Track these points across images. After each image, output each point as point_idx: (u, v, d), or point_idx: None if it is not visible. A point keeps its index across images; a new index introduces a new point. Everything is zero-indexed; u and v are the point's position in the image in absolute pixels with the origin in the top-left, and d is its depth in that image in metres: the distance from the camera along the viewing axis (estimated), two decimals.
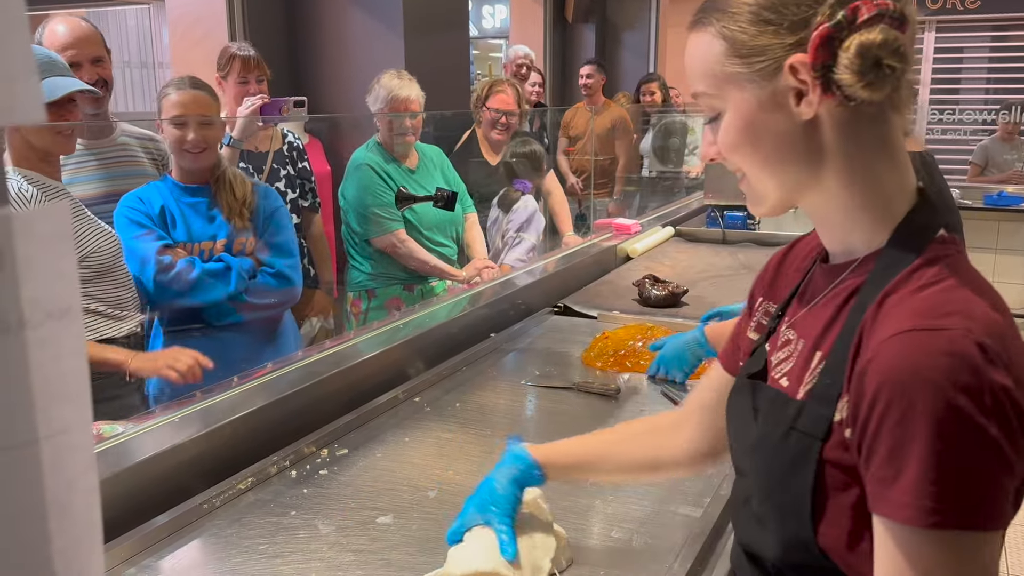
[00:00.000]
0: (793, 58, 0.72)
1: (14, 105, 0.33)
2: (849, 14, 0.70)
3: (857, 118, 0.74)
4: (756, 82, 0.75)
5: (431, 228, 2.87)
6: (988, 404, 0.63)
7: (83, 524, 0.38)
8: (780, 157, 0.77)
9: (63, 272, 0.36)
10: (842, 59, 0.70)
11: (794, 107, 0.74)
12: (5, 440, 0.34)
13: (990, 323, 0.67)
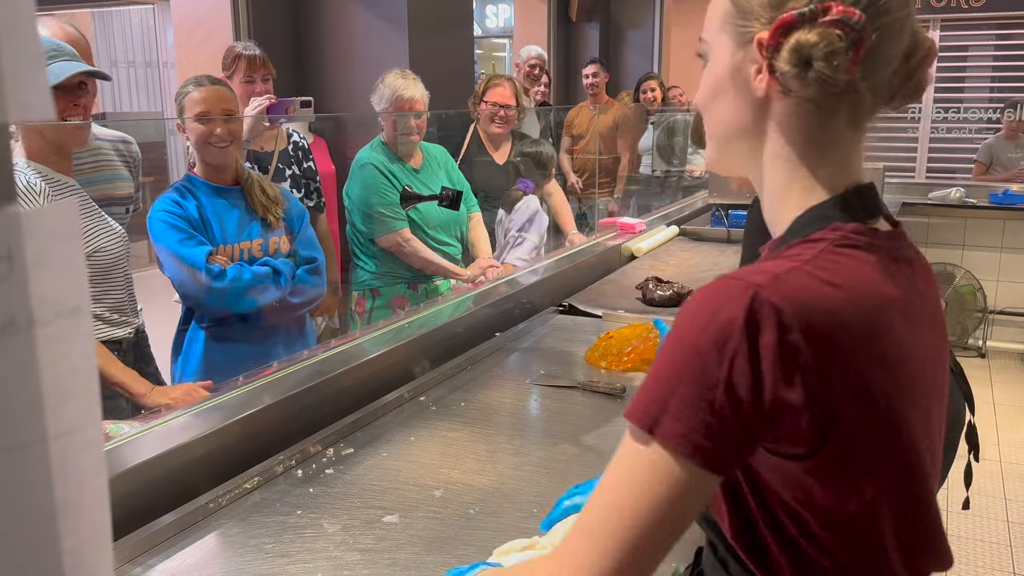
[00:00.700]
0: (760, 33, 0.75)
1: (24, 101, 0.33)
2: (817, 9, 0.72)
3: (800, 111, 0.77)
4: (734, 46, 0.78)
5: (435, 227, 2.87)
6: (723, 345, 0.66)
7: (92, 524, 0.38)
8: (730, 123, 0.81)
9: (72, 270, 0.35)
10: (783, 47, 0.73)
11: (751, 81, 0.77)
12: (15, 439, 0.34)
13: (797, 288, 0.68)
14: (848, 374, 0.69)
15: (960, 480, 1.97)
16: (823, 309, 0.68)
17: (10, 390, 0.34)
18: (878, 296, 0.73)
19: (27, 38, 0.33)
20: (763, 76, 0.76)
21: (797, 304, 0.67)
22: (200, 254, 1.99)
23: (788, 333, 0.66)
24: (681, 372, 0.68)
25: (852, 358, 0.69)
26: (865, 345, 0.70)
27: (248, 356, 2.05)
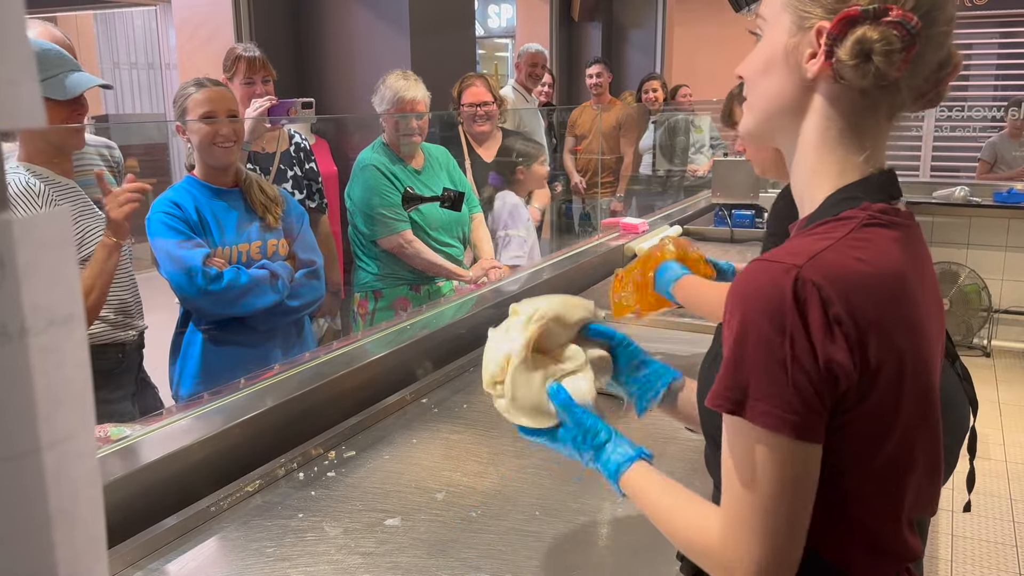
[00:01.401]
0: (821, 22, 0.81)
1: (16, 108, 0.32)
2: (880, 9, 0.78)
3: (846, 98, 0.83)
4: (793, 28, 0.84)
5: (438, 228, 2.86)
6: (780, 322, 0.74)
7: (87, 534, 0.37)
8: (775, 99, 0.87)
9: (65, 278, 0.35)
10: (847, 40, 0.79)
11: (803, 63, 0.83)
12: (8, 449, 0.33)
13: (832, 266, 0.77)
14: (880, 336, 0.77)
15: (962, 482, 1.97)
16: (856, 283, 0.77)
17: (3, 399, 0.33)
18: (899, 269, 0.80)
19: (17, 45, 0.33)
20: (818, 61, 0.82)
21: (834, 280, 0.76)
22: (197, 256, 1.98)
23: (830, 307, 0.75)
24: (748, 355, 0.76)
25: (882, 322, 0.77)
26: (891, 311, 0.78)
27: (246, 359, 2.03)
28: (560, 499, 1.32)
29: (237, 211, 2.11)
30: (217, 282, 1.99)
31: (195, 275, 1.97)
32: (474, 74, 3.37)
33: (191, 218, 2.03)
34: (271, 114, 2.57)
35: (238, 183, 2.14)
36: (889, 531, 0.85)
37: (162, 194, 2.09)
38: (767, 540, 0.78)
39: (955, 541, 3.05)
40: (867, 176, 0.85)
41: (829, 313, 0.75)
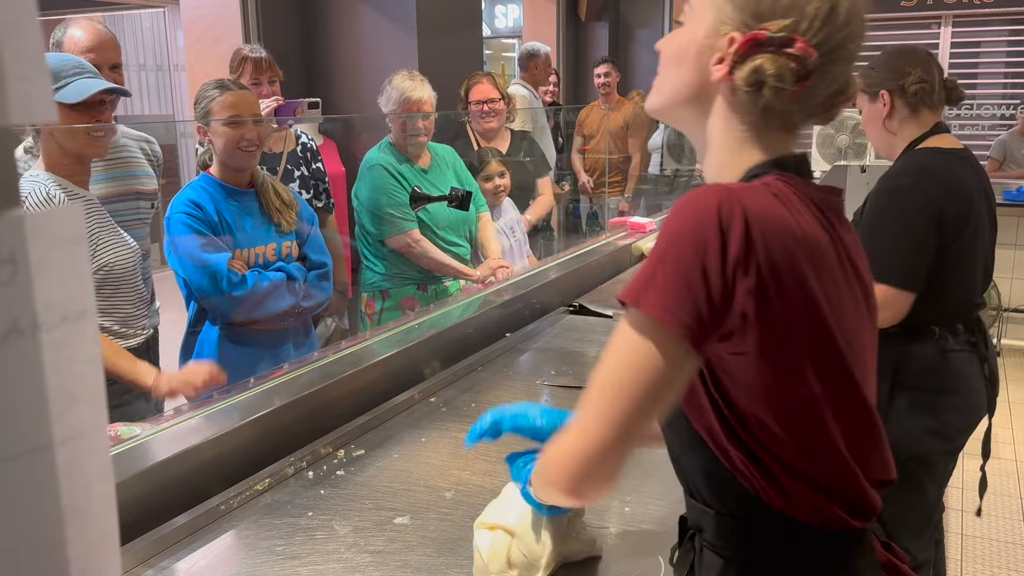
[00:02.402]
0: (734, 33, 0.85)
1: (26, 104, 0.32)
2: (786, 39, 0.83)
3: (742, 109, 0.87)
4: (710, 29, 0.87)
5: (445, 228, 2.86)
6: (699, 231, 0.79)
7: (99, 529, 0.37)
8: (680, 89, 0.91)
9: (78, 274, 0.35)
10: (745, 64, 0.84)
11: (711, 65, 0.87)
12: (21, 445, 0.33)
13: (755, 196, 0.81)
14: (790, 273, 0.80)
15: (973, 481, 2.00)
16: (774, 215, 0.81)
17: (16, 395, 0.33)
18: (809, 223, 0.84)
19: (29, 41, 0.33)
20: (721, 69, 0.86)
21: (757, 207, 0.80)
22: (222, 260, 2.00)
23: (752, 228, 0.79)
24: (664, 257, 0.80)
25: (793, 261, 0.80)
26: (804, 254, 0.81)
27: (260, 359, 2.07)
28: None
29: (253, 213, 2.12)
30: (241, 286, 2.01)
31: (220, 279, 1.98)
32: (481, 72, 3.38)
33: (211, 219, 2.04)
34: (278, 114, 2.57)
35: (254, 184, 2.15)
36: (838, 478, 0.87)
37: (180, 192, 2.10)
38: (606, 425, 0.81)
39: (965, 541, 3.03)
40: (775, 158, 0.89)
41: (749, 233, 0.78)
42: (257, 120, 2.10)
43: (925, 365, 1.95)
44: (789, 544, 0.88)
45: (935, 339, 1.95)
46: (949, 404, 1.96)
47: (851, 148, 4.39)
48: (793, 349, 0.82)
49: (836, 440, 0.86)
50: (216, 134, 2.07)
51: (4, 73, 0.32)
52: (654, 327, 0.79)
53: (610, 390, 0.82)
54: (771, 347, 0.81)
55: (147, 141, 2.36)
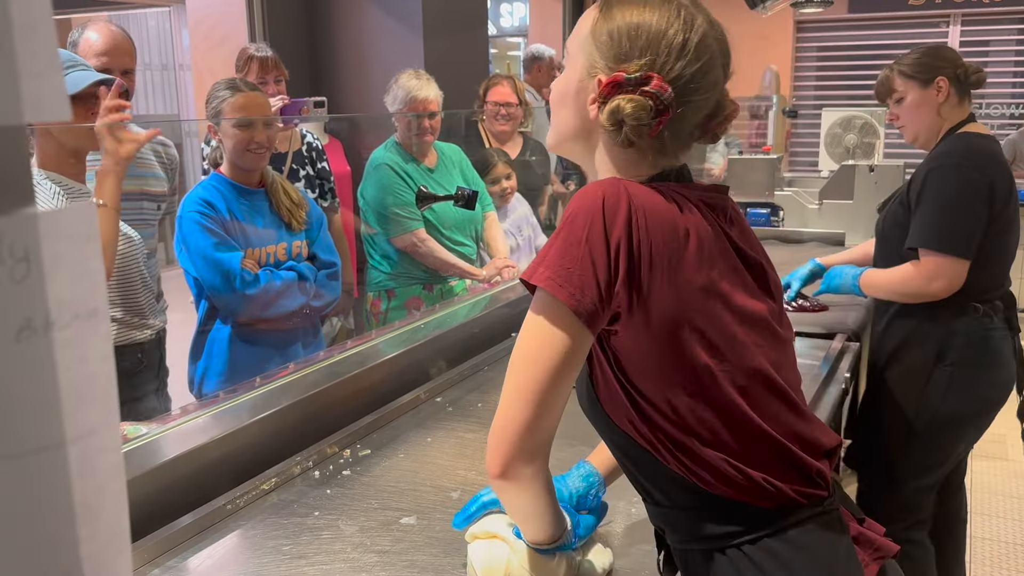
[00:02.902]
0: (601, 75, 0.94)
1: (40, 102, 0.32)
2: (643, 77, 0.91)
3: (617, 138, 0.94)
4: (583, 72, 0.97)
5: (451, 227, 2.86)
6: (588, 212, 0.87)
7: (111, 527, 0.37)
8: (567, 127, 1.01)
9: (90, 272, 0.35)
10: (606, 105, 0.93)
11: (588, 104, 0.96)
12: (33, 443, 0.33)
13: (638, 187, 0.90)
14: (669, 256, 0.88)
15: (982, 482, 2.08)
16: (656, 205, 0.89)
17: (28, 393, 0.33)
18: (692, 215, 0.91)
19: (43, 40, 0.33)
20: (594, 108, 0.95)
21: (640, 196, 0.89)
22: (235, 259, 2.00)
23: (635, 212, 0.87)
24: (555, 239, 0.89)
25: (673, 245, 0.88)
26: (684, 240, 0.89)
27: (270, 357, 2.07)
28: None
29: (263, 212, 2.13)
30: (254, 285, 2.02)
31: (233, 279, 1.99)
32: (503, 75, 3.38)
33: (223, 218, 2.05)
34: (283, 113, 2.58)
35: (264, 183, 2.16)
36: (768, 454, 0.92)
37: (191, 192, 2.10)
38: (522, 402, 0.88)
39: (973, 543, 3.02)
40: (659, 173, 0.97)
41: (633, 220, 0.87)
42: (267, 122, 2.10)
43: (968, 341, 2.08)
44: (740, 526, 0.91)
45: (980, 316, 2.08)
46: (986, 379, 2.10)
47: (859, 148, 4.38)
48: (676, 325, 0.89)
49: (747, 412, 0.90)
50: (226, 135, 2.08)
51: (17, 72, 0.32)
52: (548, 300, 0.87)
53: (520, 369, 0.90)
54: (656, 322, 0.88)
55: (162, 144, 2.35)
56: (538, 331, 0.88)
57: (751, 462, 0.91)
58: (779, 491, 0.91)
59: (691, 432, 0.90)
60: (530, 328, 0.89)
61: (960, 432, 2.14)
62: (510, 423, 0.89)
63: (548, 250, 0.89)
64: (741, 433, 0.91)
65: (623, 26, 0.93)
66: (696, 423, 0.90)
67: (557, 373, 0.88)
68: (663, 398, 0.90)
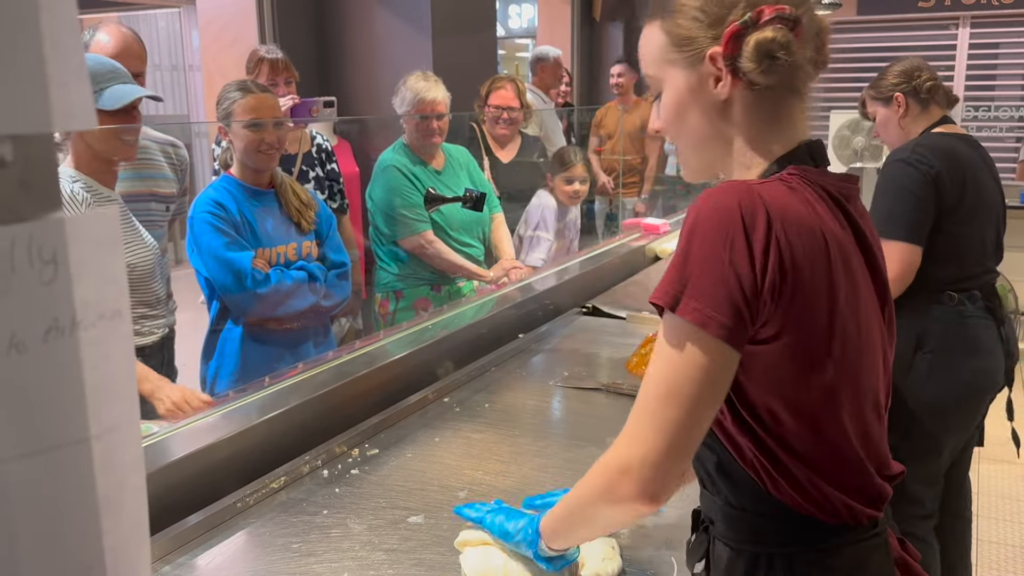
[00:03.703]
0: (712, 49, 0.90)
1: (68, 110, 0.34)
2: (754, 15, 0.88)
3: (759, 99, 0.91)
4: (686, 68, 0.93)
5: (458, 229, 2.88)
6: (725, 228, 0.81)
7: (133, 521, 0.39)
8: (700, 130, 0.95)
9: (113, 274, 0.36)
10: (744, 51, 0.88)
11: (713, 89, 0.91)
12: (59, 438, 0.35)
13: (772, 191, 0.85)
14: (810, 265, 0.83)
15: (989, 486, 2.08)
16: (792, 208, 0.84)
17: (56, 390, 0.35)
18: (825, 216, 0.87)
19: (71, 49, 0.34)
20: (724, 82, 0.90)
21: (776, 202, 0.84)
22: (246, 259, 2.02)
23: (774, 222, 0.82)
24: (691, 258, 0.83)
25: (813, 253, 0.84)
26: (821, 246, 0.85)
27: (281, 357, 2.10)
28: None
29: (273, 213, 2.15)
30: (265, 284, 2.04)
31: (244, 278, 2.01)
32: (505, 77, 3.38)
33: (234, 219, 2.07)
34: (294, 113, 2.59)
35: (273, 185, 2.18)
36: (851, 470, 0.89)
37: (202, 193, 2.12)
38: (665, 431, 0.83)
39: (980, 545, 3.02)
40: (792, 149, 0.93)
41: (771, 227, 0.82)
42: (277, 123, 2.12)
43: (944, 328, 2.14)
44: (798, 537, 0.89)
45: (954, 304, 2.14)
46: (966, 366, 2.14)
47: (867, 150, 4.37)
48: (813, 340, 0.85)
49: (848, 430, 0.88)
50: (237, 136, 2.09)
51: (47, 80, 0.33)
52: (694, 331, 0.81)
53: (663, 398, 0.83)
54: (792, 339, 0.83)
55: (172, 145, 2.37)
56: (687, 363, 0.82)
57: (832, 480, 0.88)
58: (848, 509, 0.89)
59: (783, 442, 0.87)
60: (676, 359, 0.83)
61: (946, 420, 2.17)
62: (652, 457, 0.83)
63: (685, 273, 0.83)
64: (834, 453, 0.88)
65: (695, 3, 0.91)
66: (793, 435, 0.86)
67: (709, 404, 0.84)
68: (767, 407, 0.86)
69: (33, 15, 0.33)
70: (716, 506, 0.95)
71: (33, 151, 0.33)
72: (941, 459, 2.22)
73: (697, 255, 0.82)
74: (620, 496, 0.86)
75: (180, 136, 2.59)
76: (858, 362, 0.88)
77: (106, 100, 1.75)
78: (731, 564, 0.94)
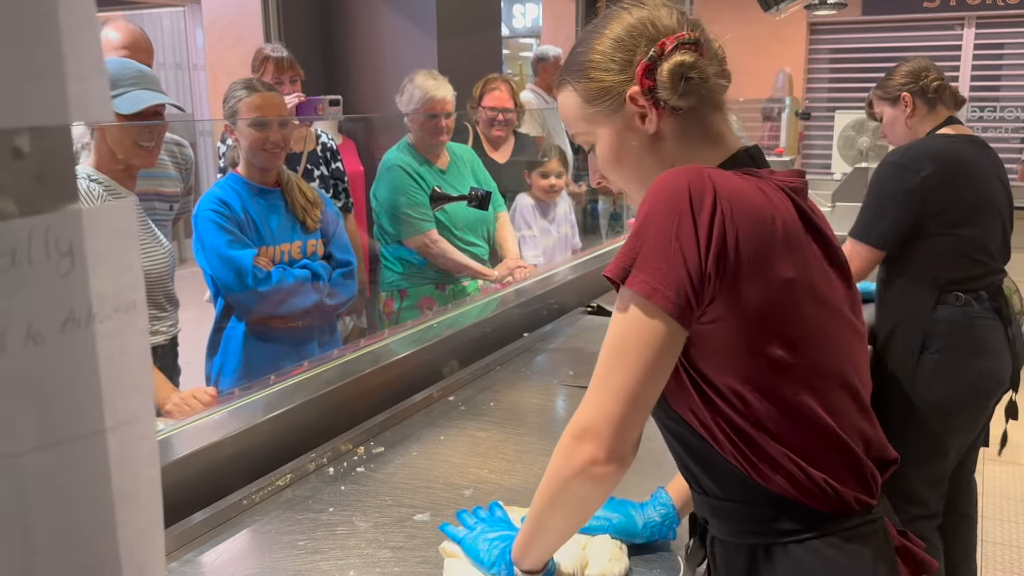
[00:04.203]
0: (631, 90, 0.95)
1: (86, 104, 0.34)
2: (658, 49, 0.93)
3: (686, 122, 0.96)
4: (610, 116, 0.98)
5: (463, 228, 2.88)
6: (674, 205, 0.85)
7: (147, 514, 0.39)
8: (640, 167, 0.99)
9: (129, 267, 0.37)
10: (660, 81, 0.93)
11: (641, 126, 0.96)
12: (77, 430, 0.35)
13: (722, 174, 0.89)
14: (756, 244, 0.86)
15: (994, 486, 2.07)
16: (742, 191, 0.88)
17: (72, 382, 0.35)
18: (779, 201, 0.91)
19: (89, 44, 0.34)
20: (651, 116, 0.95)
21: (725, 184, 0.88)
22: (248, 257, 2.03)
23: (720, 202, 0.85)
24: (642, 234, 0.87)
25: (760, 233, 0.87)
26: (771, 228, 0.88)
27: (285, 355, 2.10)
28: None
29: (279, 211, 2.15)
30: (266, 282, 2.04)
31: (245, 275, 2.01)
32: (498, 77, 3.37)
33: (239, 217, 2.07)
34: (299, 111, 2.60)
35: (279, 183, 2.18)
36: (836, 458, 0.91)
37: (208, 191, 2.13)
38: (616, 393, 0.86)
39: (984, 547, 3.01)
40: (730, 157, 0.97)
41: (718, 205, 0.85)
42: (283, 122, 2.13)
43: (951, 329, 2.15)
44: (792, 525, 0.90)
45: (960, 305, 2.15)
46: (973, 366, 2.14)
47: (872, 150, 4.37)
48: (761, 320, 0.87)
49: (815, 407, 0.90)
50: (242, 134, 2.10)
51: (64, 74, 0.33)
52: (641, 302, 0.86)
53: (614, 369, 0.87)
54: (738, 318, 0.87)
55: (178, 144, 2.37)
56: (633, 331, 0.86)
57: (814, 461, 0.89)
58: (836, 494, 0.90)
59: (756, 423, 0.89)
60: (624, 328, 0.87)
61: (952, 421, 2.17)
62: (603, 419, 0.87)
63: (635, 247, 0.87)
64: (808, 431, 0.90)
65: (602, 53, 0.97)
66: (763, 415, 0.89)
67: (654, 371, 0.87)
68: (730, 388, 0.88)
69: (52, 10, 0.33)
70: (707, 504, 0.97)
71: (51, 143, 0.34)
72: (947, 460, 2.22)
73: (647, 232, 0.86)
74: (581, 460, 0.88)
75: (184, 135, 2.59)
76: (817, 344, 0.91)
77: (122, 104, 1.75)
78: (731, 561, 0.95)
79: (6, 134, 0.32)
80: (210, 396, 1.68)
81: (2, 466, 0.33)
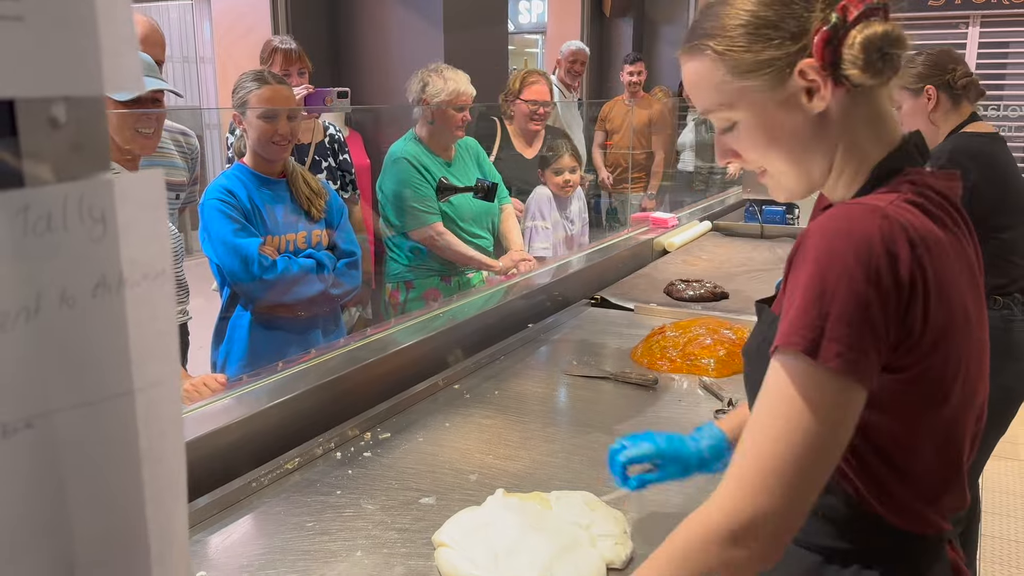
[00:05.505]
0: (802, 63, 0.81)
1: (120, 76, 0.35)
2: (840, 14, 0.79)
3: (855, 100, 0.83)
4: (767, 90, 0.83)
5: (468, 220, 2.89)
6: (866, 260, 0.72)
7: (171, 473, 0.40)
8: (800, 149, 0.86)
9: (158, 236, 0.38)
10: (847, 55, 0.79)
11: (806, 104, 0.83)
12: (107, 390, 0.37)
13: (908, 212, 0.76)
14: (948, 286, 0.77)
15: (993, 482, 2.08)
16: (925, 227, 0.76)
17: (102, 345, 0.36)
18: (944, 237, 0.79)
19: (122, 19, 0.36)
20: (824, 91, 0.81)
21: (914, 224, 0.75)
22: (253, 245, 2.05)
23: (916, 248, 0.74)
24: (829, 295, 0.72)
25: (949, 273, 0.77)
26: (955, 268, 0.78)
27: (289, 344, 2.12)
28: (589, 482, 1.34)
29: (284, 201, 2.17)
30: (271, 271, 2.06)
31: (251, 264, 2.03)
32: (537, 71, 3.39)
33: (244, 206, 2.09)
34: (308, 102, 2.61)
35: (285, 174, 2.20)
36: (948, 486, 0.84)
37: (214, 180, 2.14)
38: (792, 491, 0.73)
39: (984, 541, 3.02)
40: (897, 148, 0.85)
41: (915, 255, 0.73)
42: (291, 115, 2.14)
43: (990, 332, 2.10)
44: (875, 540, 0.85)
45: (999, 308, 2.14)
46: (1009, 369, 2.13)
47: None
48: (946, 366, 0.78)
49: (962, 450, 0.83)
50: (251, 125, 2.12)
51: (99, 46, 0.35)
52: (836, 380, 0.72)
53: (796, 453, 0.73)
54: (925, 368, 0.77)
55: (184, 134, 2.39)
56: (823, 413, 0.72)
57: (925, 491, 0.82)
58: (928, 520, 0.84)
59: (881, 451, 0.80)
60: (809, 408, 0.72)
61: None
62: (765, 517, 0.73)
63: (823, 312, 0.72)
64: (939, 466, 0.83)
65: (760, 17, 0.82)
66: (894, 445, 0.80)
67: (837, 453, 0.75)
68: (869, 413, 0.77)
69: None
70: None
71: (85, 113, 0.35)
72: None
73: (837, 292, 0.72)
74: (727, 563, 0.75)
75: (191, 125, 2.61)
76: (978, 376, 0.84)
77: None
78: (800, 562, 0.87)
79: (44, 103, 0.34)
80: (219, 383, 1.70)
81: (36, 424, 0.35)
